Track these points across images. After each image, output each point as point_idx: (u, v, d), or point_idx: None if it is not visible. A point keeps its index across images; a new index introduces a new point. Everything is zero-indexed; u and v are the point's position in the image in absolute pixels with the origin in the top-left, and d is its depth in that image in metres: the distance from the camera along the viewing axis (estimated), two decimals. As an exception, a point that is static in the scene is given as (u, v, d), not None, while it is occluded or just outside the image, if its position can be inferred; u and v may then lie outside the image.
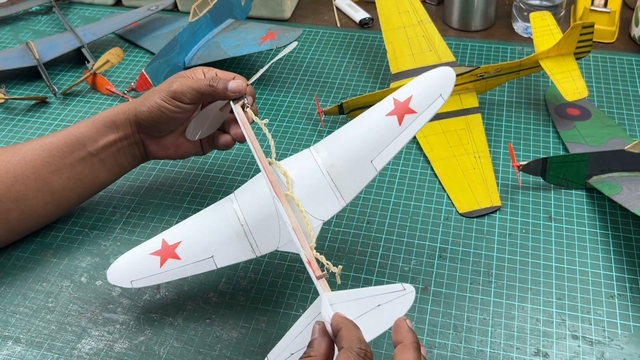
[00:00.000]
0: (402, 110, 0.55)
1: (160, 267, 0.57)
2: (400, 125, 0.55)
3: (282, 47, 0.86)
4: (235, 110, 0.63)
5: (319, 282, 0.50)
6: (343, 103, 0.80)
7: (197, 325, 0.61)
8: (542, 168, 0.70)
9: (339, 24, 1.05)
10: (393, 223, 0.69)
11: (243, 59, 0.96)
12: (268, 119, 0.67)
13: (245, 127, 0.61)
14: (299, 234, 0.53)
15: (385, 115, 0.56)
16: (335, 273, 0.51)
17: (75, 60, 0.98)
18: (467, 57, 0.94)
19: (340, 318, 0.46)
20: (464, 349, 0.57)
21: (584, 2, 0.95)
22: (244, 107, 0.63)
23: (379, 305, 0.46)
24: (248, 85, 0.64)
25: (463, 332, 0.59)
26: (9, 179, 0.64)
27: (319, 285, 0.49)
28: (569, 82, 0.78)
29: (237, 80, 0.63)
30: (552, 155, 0.70)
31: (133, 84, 0.89)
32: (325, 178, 0.56)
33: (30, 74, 0.95)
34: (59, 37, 0.99)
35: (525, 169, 0.70)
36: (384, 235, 0.68)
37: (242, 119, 0.62)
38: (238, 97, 0.63)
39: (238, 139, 0.67)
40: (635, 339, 0.57)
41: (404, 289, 0.46)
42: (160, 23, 1.04)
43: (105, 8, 1.12)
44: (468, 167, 0.74)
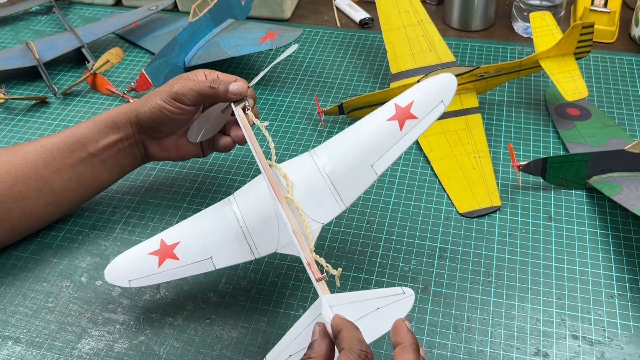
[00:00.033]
0: (403, 116, 0.56)
1: (159, 267, 0.57)
2: (402, 131, 0.56)
3: (282, 47, 0.86)
4: (237, 112, 0.63)
5: (319, 284, 0.50)
6: (343, 103, 0.80)
7: (197, 325, 0.61)
8: (542, 168, 0.70)
9: (339, 24, 1.05)
10: (393, 223, 0.69)
11: (243, 59, 0.96)
12: (268, 122, 0.67)
13: (246, 129, 0.62)
14: (299, 236, 0.53)
15: (387, 120, 0.56)
16: (335, 276, 0.51)
17: (75, 60, 0.98)
18: (467, 57, 0.94)
19: (341, 319, 0.46)
20: (464, 349, 0.57)
21: (584, 2, 0.95)
22: (245, 109, 0.64)
23: (378, 308, 0.46)
24: (249, 88, 0.65)
25: (463, 332, 0.59)
26: (10, 180, 0.65)
27: (319, 288, 0.49)
28: (569, 82, 0.78)
29: (238, 83, 0.63)
30: (552, 155, 0.70)
31: (133, 84, 0.89)
32: (325, 181, 0.56)
33: (30, 74, 0.95)
34: (59, 37, 0.99)
35: (525, 169, 0.70)
36: (384, 235, 0.68)
37: (243, 121, 0.63)
38: (239, 99, 0.64)
39: (238, 141, 0.67)
40: (635, 339, 0.57)
41: (404, 293, 0.46)
42: (160, 23, 1.04)
43: (105, 8, 1.12)
44: (468, 167, 0.74)
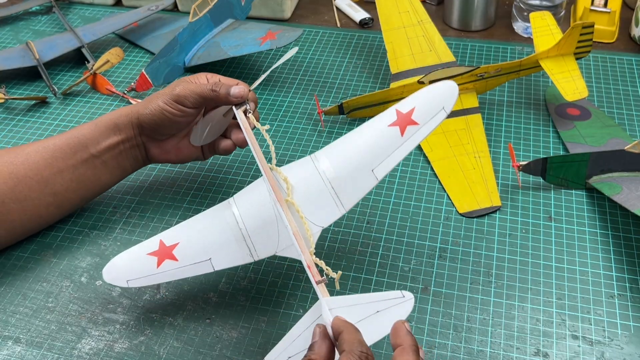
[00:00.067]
0: (404, 122, 0.56)
1: (157, 267, 0.57)
2: (403, 136, 0.56)
3: (282, 47, 0.87)
4: (238, 115, 0.64)
5: (319, 287, 0.50)
6: (343, 103, 0.80)
7: (197, 325, 0.61)
8: (542, 168, 0.70)
9: (339, 24, 1.05)
10: (393, 223, 0.69)
11: (243, 59, 0.96)
12: (268, 123, 0.67)
13: (247, 132, 0.62)
14: (299, 239, 0.53)
15: (388, 126, 0.57)
16: (335, 279, 0.51)
17: (75, 60, 0.98)
18: (467, 57, 0.94)
19: (341, 321, 0.46)
20: (464, 349, 0.57)
21: (584, 2, 0.95)
22: (246, 112, 0.64)
23: (378, 312, 0.47)
24: (250, 91, 0.65)
25: (463, 332, 0.59)
26: (12, 180, 0.65)
27: (319, 291, 0.50)
28: (569, 82, 0.78)
29: (239, 86, 0.64)
30: (552, 155, 0.70)
31: (133, 84, 0.89)
32: (326, 185, 0.57)
33: (30, 74, 0.95)
34: (59, 37, 0.99)
35: (525, 169, 0.70)
36: (384, 235, 0.68)
37: (244, 124, 0.63)
38: (240, 102, 0.64)
39: (239, 144, 0.68)
40: (635, 339, 0.57)
41: (403, 296, 0.46)
42: (160, 23, 1.04)
43: (105, 8, 1.12)
44: (468, 167, 0.74)
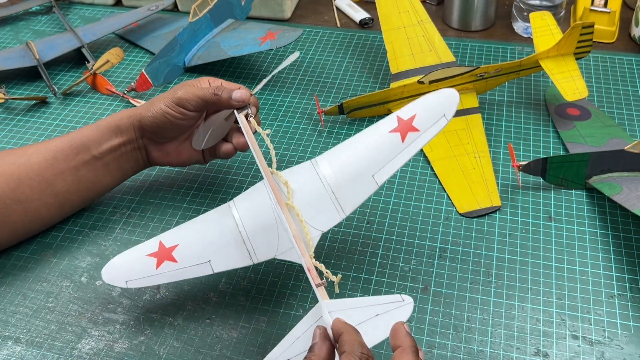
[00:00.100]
0: (405, 128, 0.57)
1: (157, 268, 0.57)
2: (403, 142, 0.57)
3: (282, 47, 0.87)
4: (239, 119, 0.65)
5: (318, 290, 0.50)
6: (343, 103, 0.80)
7: (197, 325, 0.61)
8: (542, 168, 0.70)
9: (339, 24, 1.05)
10: (393, 223, 0.69)
11: (243, 59, 0.96)
12: (270, 130, 0.68)
13: (249, 136, 0.63)
14: (299, 242, 0.53)
15: (389, 132, 0.57)
16: (334, 282, 0.51)
17: (75, 60, 0.98)
18: (467, 57, 0.94)
19: (342, 323, 0.46)
20: (464, 349, 0.57)
21: (584, 2, 0.95)
22: (248, 116, 0.65)
23: (377, 315, 0.47)
24: (252, 96, 0.66)
25: (463, 332, 0.59)
26: (14, 181, 0.65)
27: (318, 293, 0.50)
28: (569, 82, 0.78)
29: (241, 90, 0.65)
30: (552, 155, 0.70)
31: (133, 84, 0.89)
32: (326, 190, 0.57)
33: (30, 74, 0.95)
34: (59, 37, 0.99)
35: (525, 169, 0.70)
36: (384, 235, 0.68)
37: (245, 128, 0.64)
38: (242, 106, 0.65)
39: (240, 148, 0.68)
40: (635, 339, 0.57)
41: (403, 300, 0.46)
42: (160, 23, 1.04)
43: (105, 8, 1.12)
44: (468, 167, 0.74)
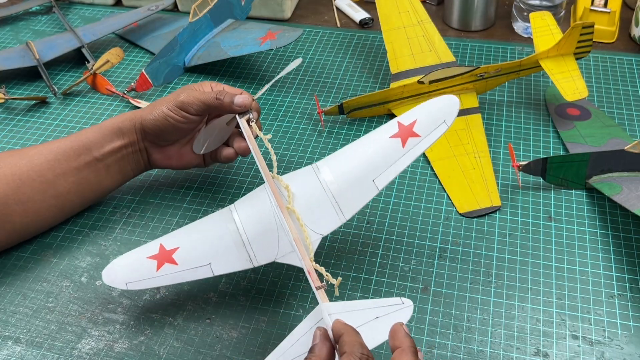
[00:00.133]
0: (406, 134, 0.57)
1: (157, 271, 0.57)
2: (404, 148, 0.57)
3: (282, 47, 0.87)
4: (241, 124, 0.65)
5: (318, 292, 0.50)
6: (343, 103, 0.80)
7: (197, 325, 0.61)
8: (542, 168, 0.70)
9: (339, 24, 1.05)
10: (393, 223, 0.69)
11: (243, 59, 0.96)
12: (271, 135, 0.68)
13: (250, 140, 0.63)
14: (300, 245, 0.54)
15: (390, 137, 0.58)
16: (335, 285, 0.52)
17: (75, 60, 0.98)
18: (467, 57, 0.94)
19: (342, 324, 0.46)
20: (464, 349, 0.57)
21: (584, 2, 0.95)
22: (249, 121, 0.65)
23: (377, 318, 0.47)
24: (254, 101, 0.66)
25: (463, 332, 0.59)
26: (15, 182, 0.65)
27: (318, 296, 0.50)
28: (569, 82, 0.78)
29: (243, 95, 0.65)
30: (552, 155, 0.70)
31: (133, 84, 0.89)
32: (327, 194, 0.57)
33: (30, 74, 0.95)
34: (59, 37, 0.99)
35: (525, 169, 0.70)
36: (384, 236, 0.68)
37: (247, 133, 0.64)
38: (243, 111, 0.65)
39: (241, 152, 0.69)
40: (635, 339, 0.57)
41: (402, 303, 0.47)
42: (160, 23, 1.04)
43: (105, 8, 1.12)
44: (468, 167, 0.74)
